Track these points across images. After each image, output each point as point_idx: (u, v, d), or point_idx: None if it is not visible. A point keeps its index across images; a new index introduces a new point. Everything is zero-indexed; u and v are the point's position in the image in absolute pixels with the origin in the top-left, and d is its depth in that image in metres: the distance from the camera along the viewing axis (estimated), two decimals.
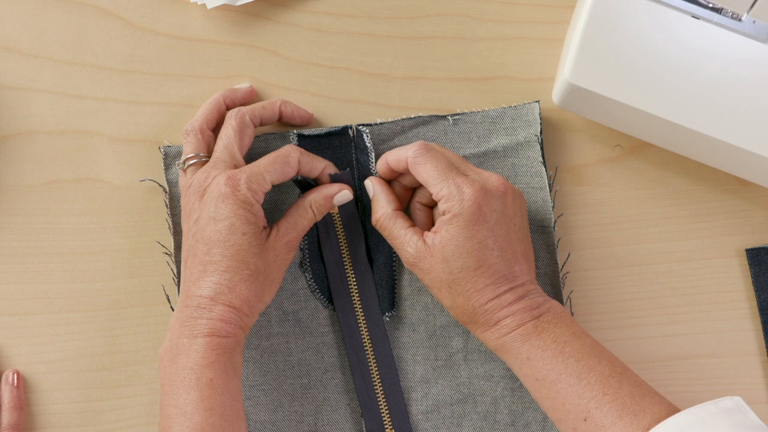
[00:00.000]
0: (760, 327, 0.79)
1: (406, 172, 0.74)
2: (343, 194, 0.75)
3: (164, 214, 0.78)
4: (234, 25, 0.81)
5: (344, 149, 0.77)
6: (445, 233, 0.69)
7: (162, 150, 0.78)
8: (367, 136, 0.77)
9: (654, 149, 0.80)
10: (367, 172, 0.76)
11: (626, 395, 0.66)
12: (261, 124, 0.76)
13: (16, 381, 0.75)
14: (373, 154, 0.77)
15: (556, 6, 0.82)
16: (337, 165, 0.76)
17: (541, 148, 0.78)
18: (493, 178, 0.71)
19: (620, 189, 0.80)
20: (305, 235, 0.76)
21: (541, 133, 0.78)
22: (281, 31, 0.81)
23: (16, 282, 0.77)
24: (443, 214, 0.70)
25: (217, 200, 0.69)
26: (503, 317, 0.69)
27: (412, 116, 0.79)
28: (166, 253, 0.77)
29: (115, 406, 0.76)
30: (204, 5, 0.80)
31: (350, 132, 0.78)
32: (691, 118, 0.73)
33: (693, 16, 0.75)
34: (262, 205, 0.71)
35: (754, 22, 0.74)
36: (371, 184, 0.75)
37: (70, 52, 0.80)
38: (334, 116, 0.80)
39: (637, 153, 0.81)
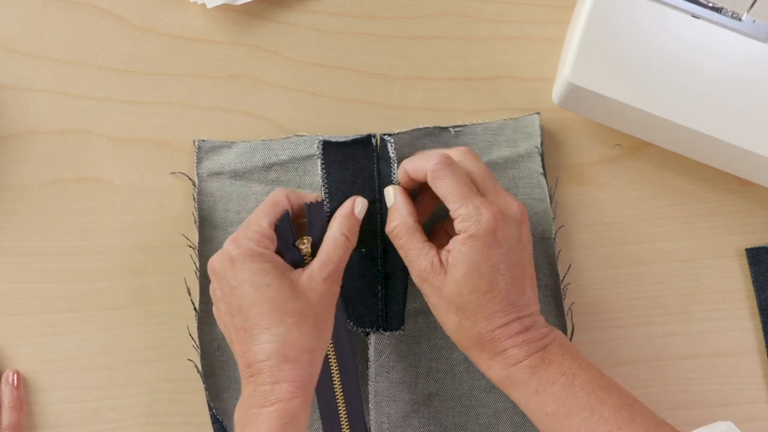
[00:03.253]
0: (760, 327, 0.79)
1: (424, 183, 0.72)
2: (359, 203, 0.73)
3: (164, 214, 0.78)
4: (234, 25, 0.81)
5: (367, 159, 0.76)
6: (458, 253, 0.67)
7: (196, 143, 0.78)
8: (392, 146, 0.75)
9: (654, 149, 0.80)
10: (389, 182, 0.75)
11: (640, 427, 0.64)
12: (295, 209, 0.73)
13: (16, 381, 0.75)
14: (396, 164, 0.75)
15: (556, 6, 0.82)
16: (359, 175, 0.75)
17: (542, 160, 0.78)
18: (513, 205, 0.69)
19: (620, 189, 0.80)
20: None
21: (541, 144, 0.78)
22: (281, 31, 0.81)
23: (16, 282, 0.77)
24: (459, 233, 0.68)
25: (229, 268, 0.68)
26: (509, 347, 0.67)
27: (420, 126, 0.78)
28: (190, 246, 0.77)
29: (115, 406, 0.76)
30: (204, 5, 0.81)
31: (373, 141, 0.77)
32: (691, 118, 0.73)
33: (693, 16, 0.75)
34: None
35: (754, 21, 0.74)
36: (392, 193, 0.73)
37: (70, 52, 0.80)
38: (333, 116, 0.80)
39: (637, 153, 0.81)
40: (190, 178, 0.78)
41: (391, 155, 0.75)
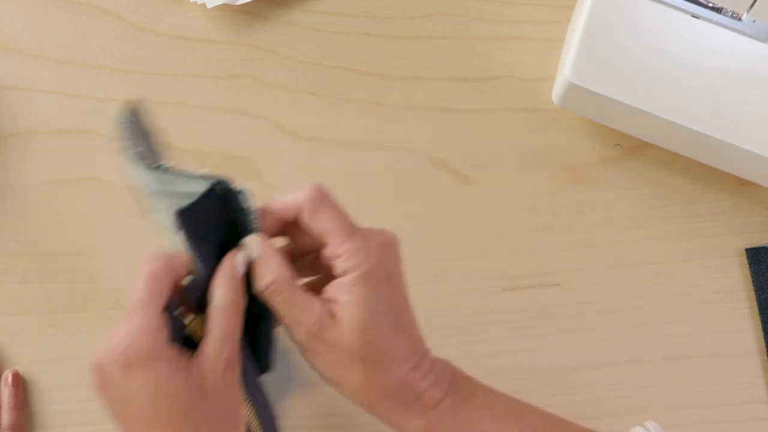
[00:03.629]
0: (760, 327, 0.79)
1: (292, 226, 0.61)
2: (239, 260, 0.59)
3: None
4: (234, 25, 0.81)
5: (217, 209, 0.61)
6: (350, 297, 0.57)
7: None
8: (244, 197, 0.61)
9: (654, 149, 0.80)
10: (245, 231, 0.61)
11: None
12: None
13: (16, 381, 0.75)
14: (251, 214, 0.60)
15: (556, 6, 0.82)
16: (216, 230, 0.62)
17: None
18: (386, 232, 0.60)
19: (620, 189, 0.80)
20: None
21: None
22: (281, 31, 0.81)
23: (16, 282, 0.77)
24: (345, 273, 0.58)
25: (120, 374, 0.56)
26: (425, 388, 0.58)
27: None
28: None
29: None
30: (204, 5, 0.81)
31: (217, 189, 0.61)
32: (690, 118, 0.73)
33: (693, 16, 0.75)
34: None
35: (754, 21, 0.74)
36: (257, 242, 0.59)
37: (70, 52, 0.80)
38: (333, 116, 0.80)
39: (637, 153, 0.81)
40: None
41: (244, 207, 0.61)
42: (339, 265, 0.58)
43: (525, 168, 0.81)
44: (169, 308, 0.59)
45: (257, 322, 0.63)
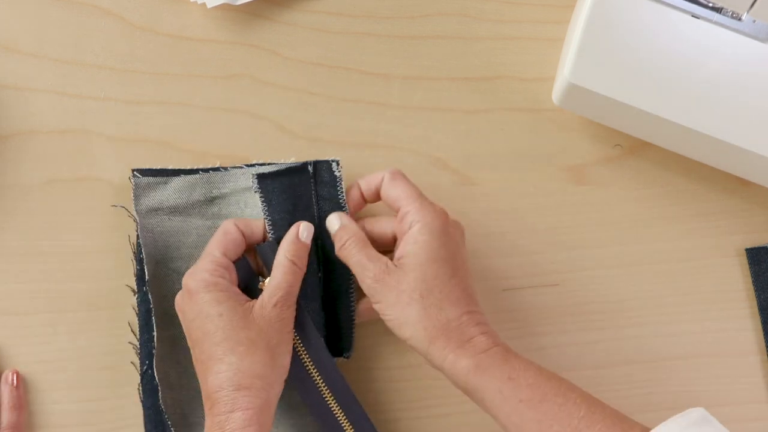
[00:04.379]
0: (760, 327, 0.79)
1: (372, 202, 0.74)
2: (303, 228, 0.73)
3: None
4: (234, 25, 0.81)
5: (304, 186, 0.75)
6: (414, 244, 0.68)
7: (132, 181, 0.76)
8: (338, 167, 0.75)
9: (654, 149, 0.80)
10: (334, 206, 0.75)
11: (610, 413, 0.64)
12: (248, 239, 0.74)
13: (15, 381, 0.75)
14: (342, 184, 0.75)
15: (556, 6, 0.82)
16: (298, 203, 0.74)
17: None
18: (452, 218, 0.72)
19: (620, 189, 0.80)
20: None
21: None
22: (281, 31, 0.81)
23: (16, 282, 0.77)
24: (410, 227, 0.69)
25: (187, 301, 0.69)
26: (476, 334, 0.67)
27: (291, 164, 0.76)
28: (128, 286, 0.76)
29: (115, 406, 0.76)
30: (204, 5, 0.80)
31: (309, 168, 0.76)
32: (691, 118, 0.73)
33: (693, 16, 0.75)
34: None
35: (754, 21, 0.74)
36: (336, 217, 0.73)
37: (70, 52, 0.80)
38: (334, 116, 0.80)
39: (637, 153, 0.81)
40: (130, 214, 0.76)
41: (337, 175, 0.75)
42: (407, 220, 0.69)
43: (525, 168, 0.81)
44: (242, 263, 0.72)
45: (335, 302, 0.75)
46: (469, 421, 0.77)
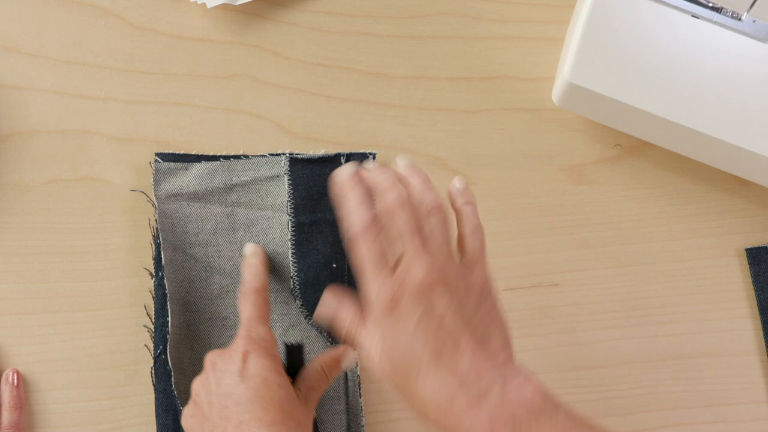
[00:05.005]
0: (760, 327, 0.79)
1: None
2: (349, 357, 0.73)
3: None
4: (234, 25, 0.81)
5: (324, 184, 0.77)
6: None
7: (153, 165, 0.77)
8: (373, 159, 0.77)
9: (654, 148, 0.80)
10: None
11: None
12: None
13: (15, 380, 0.75)
14: None
15: (556, 5, 0.82)
16: (325, 192, 0.75)
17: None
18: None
19: (620, 189, 0.80)
20: None
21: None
22: (281, 31, 0.81)
23: (16, 282, 0.77)
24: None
25: (238, 361, 0.67)
26: (496, 383, 0.58)
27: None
28: (146, 269, 0.77)
29: (115, 406, 0.76)
30: (204, 5, 0.81)
31: (342, 160, 0.77)
32: (690, 118, 0.73)
33: (693, 16, 0.75)
34: None
35: (754, 21, 0.74)
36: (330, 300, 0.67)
37: (70, 52, 0.80)
38: (333, 116, 0.80)
39: (637, 152, 0.81)
40: (149, 199, 0.77)
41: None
42: None
43: (525, 168, 0.81)
44: (298, 349, 0.73)
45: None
46: None
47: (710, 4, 0.75)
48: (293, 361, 0.72)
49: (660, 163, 0.81)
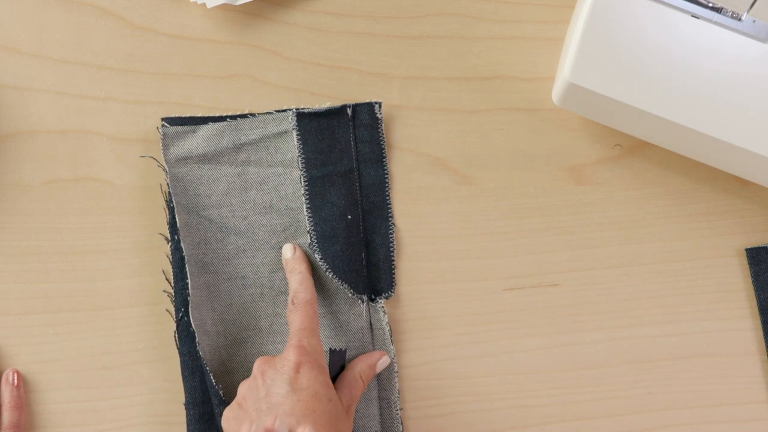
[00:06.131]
0: (760, 327, 0.79)
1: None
2: (384, 361, 0.75)
3: (164, 213, 0.78)
4: (234, 25, 0.81)
5: (342, 129, 0.78)
6: None
7: (160, 130, 0.78)
8: (379, 108, 0.79)
9: (654, 149, 0.80)
10: (374, 149, 0.78)
11: None
12: None
13: (16, 380, 0.75)
14: (383, 127, 0.79)
15: (556, 6, 0.82)
16: (335, 145, 0.78)
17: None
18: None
19: (620, 189, 0.80)
20: None
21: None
22: (281, 31, 0.81)
23: (16, 282, 0.77)
24: None
25: (291, 371, 0.68)
26: None
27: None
28: (161, 234, 0.77)
29: (115, 406, 0.76)
30: (204, 5, 0.81)
31: (348, 111, 0.79)
32: (690, 118, 0.73)
33: (693, 16, 0.75)
34: None
35: (754, 21, 0.74)
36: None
37: (70, 52, 0.80)
38: None
39: (637, 153, 0.81)
40: (159, 164, 0.78)
41: (379, 117, 0.78)
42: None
43: (525, 168, 0.81)
44: (340, 356, 0.75)
45: (371, 241, 0.78)
46: (470, 421, 0.77)
47: (710, 4, 0.75)
48: (334, 365, 0.73)
49: (660, 163, 0.81)
